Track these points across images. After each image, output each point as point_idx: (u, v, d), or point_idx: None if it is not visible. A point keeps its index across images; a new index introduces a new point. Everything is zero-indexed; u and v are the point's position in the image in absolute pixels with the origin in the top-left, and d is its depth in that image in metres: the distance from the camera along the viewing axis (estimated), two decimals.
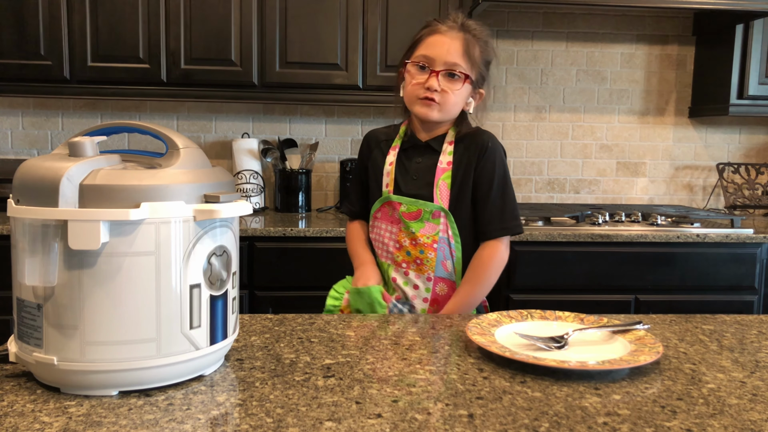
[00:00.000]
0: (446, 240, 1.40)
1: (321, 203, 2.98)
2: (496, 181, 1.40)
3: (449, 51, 1.35)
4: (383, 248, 1.46)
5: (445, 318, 1.23)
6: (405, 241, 1.41)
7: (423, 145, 1.44)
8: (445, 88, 1.36)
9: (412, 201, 1.40)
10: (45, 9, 2.44)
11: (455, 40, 1.36)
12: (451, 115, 1.41)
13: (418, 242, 1.40)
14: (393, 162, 1.45)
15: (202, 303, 0.85)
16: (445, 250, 1.40)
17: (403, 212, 1.41)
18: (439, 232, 1.39)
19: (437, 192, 1.39)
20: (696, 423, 0.77)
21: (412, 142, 1.46)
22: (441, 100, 1.36)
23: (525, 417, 0.78)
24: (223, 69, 2.52)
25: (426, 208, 1.39)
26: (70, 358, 0.79)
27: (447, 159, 1.41)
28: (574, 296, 2.37)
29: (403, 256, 1.42)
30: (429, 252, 1.39)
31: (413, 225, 1.40)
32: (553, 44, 2.99)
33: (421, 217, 1.39)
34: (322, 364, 0.95)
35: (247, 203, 0.88)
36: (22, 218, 0.80)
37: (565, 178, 3.06)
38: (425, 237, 1.39)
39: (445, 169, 1.40)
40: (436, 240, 1.39)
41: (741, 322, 1.23)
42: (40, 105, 2.83)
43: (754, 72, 2.73)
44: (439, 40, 1.37)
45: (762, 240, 2.39)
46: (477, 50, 1.38)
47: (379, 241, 1.47)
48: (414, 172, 1.43)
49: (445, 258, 1.40)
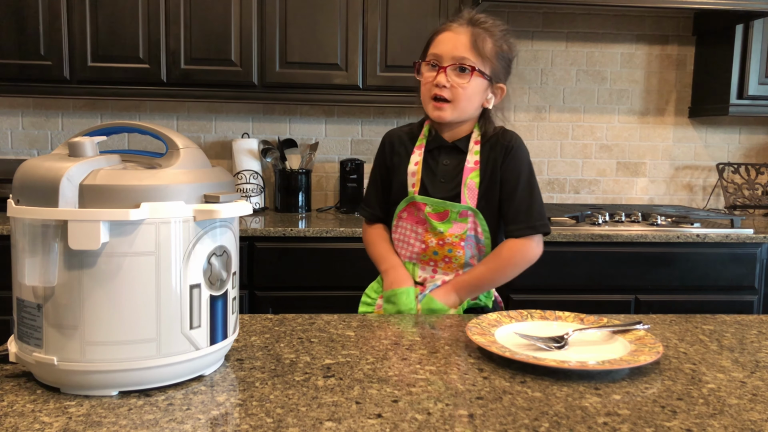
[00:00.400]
0: (474, 237, 1.39)
1: (321, 203, 2.98)
2: (522, 180, 1.39)
3: (456, 45, 1.34)
4: (408, 248, 1.44)
5: (445, 318, 1.23)
6: (431, 240, 1.40)
7: (449, 146, 1.43)
8: (454, 83, 1.34)
9: (438, 202, 1.39)
10: (45, 9, 2.44)
11: (461, 35, 1.35)
12: (466, 112, 1.38)
13: (446, 242, 1.39)
14: (419, 162, 1.43)
15: (202, 303, 0.85)
16: (472, 247, 1.40)
17: (429, 213, 1.39)
18: (467, 230, 1.38)
19: (465, 191, 1.38)
20: (696, 423, 0.77)
21: (437, 143, 1.44)
22: (452, 96, 1.35)
23: (525, 417, 0.78)
24: (223, 69, 2.52)
25: (453, 209, 1.38)
26: (70, 358, 0.79)
27: (474, 158, 1.40)
28: (574, 296, 2.37)
29: (430, 255, 1.41)
30: (457, 250, 1.39)
31: (440, 225, 1.38)
32: (553, 44, 2.99)
33: (449, 218, 1.38)
34: (322, 364, 0.95)
35: (247, 203, 0.88)
36: (22, 218, 0.80)
37: (565, 178, 3.06)
38: (453, 236, 1.38)
39: (472, 168, 1.39)
40: (463, 238, 1.38)
41: (741, 322, 1.23)
42: (40, 105, 2.83)
43: (754, 72, 2.72)
44: (447, 37, 1.36)
45: (762, 240, 2.39)
46: (488, 43, 1.36)
47: (403, 241, 1.45)
48: (441, 175, 1.42)
49: (473, 255, 1.41)
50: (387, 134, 1.52)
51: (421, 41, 1.44)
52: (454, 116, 1.37)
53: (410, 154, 1.45)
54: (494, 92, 1.40)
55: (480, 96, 1.38)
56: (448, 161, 1.42)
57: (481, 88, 1.37)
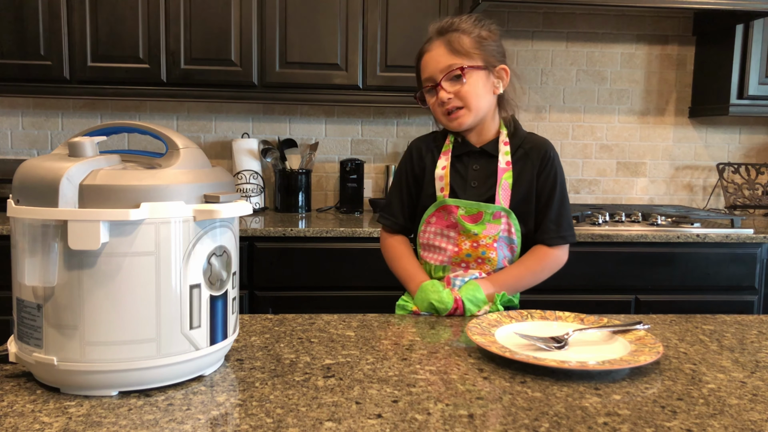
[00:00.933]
0: (507, 238, 1.40)
1: (321, 203, 2.98)
2: (558, 191, 1.42)
3: (438, 61, 1.37)
4: (439, 253, 1.42)
5: (445, 318, 1.23)
6: (465, 243, 1.39)
7: (477, 151, 1.43)
8: (455, 91, 1.36)
9: (471, 204, 1.38)
10: (45, 9, 2.44)
11: (437, 49, 1.38)
12: (482, 109, 1.39)
13: (480, 244, 1.38)
14: (446, 166, 1.43)
15: (202, 303, 0.85)
16: (504, 248, 1.40)
17: (462, 215, 1.39)
18: (501, 231, 1.38)
19: (499, 191, 1.38)
20: (696, 423, 0.77)
21: (465, 148, 1.44)
22: (461, 102, 1.36)
23: (525, 417, 0.78)
24: (223, 69, 2.52)
25: (487, 210, 1.37)
26: (70, 358, 0.79)
27: (506, 159, 1.40)
28: (574, 296, 2.37)
29: (462, 257, 1.40)
30: (491, 252, 1.39)
31: (474, 227, 1.38)
32: (553, 44, 2.99)
33: (482, 220, 1.38)
34: (322, 364, 0.95)
35: (247, 203, 0.88)
36: (22, 218, 0.80)
37: (565, 178, 3.06)
38: (487, 238, 1.38)
39: (505, 169, 1.40)
40: (496, 239, 1.39)
41: (741, 322, 1.23)
42: (40, 105, 2.82)
43: (754, 72, 2.72)
44: (427, 59, 1.40)
45: (762, 240, 2.39)
46: (465, 40, 1.37)
47: (432, 245, 1.43)
48: (472, 180, 1.42)
49: (505, 256, 1.41)
50: (414, 141, 1.53)
51: (422, 41, 1.44)
52: (471, 119, 1.38)
53: (437, 160, 1.45)
54: (498, 77, 1.40)
55: (486, 88, 1.39)
56: (478, 166, 1.42)
57: (483, 80, 1.38)
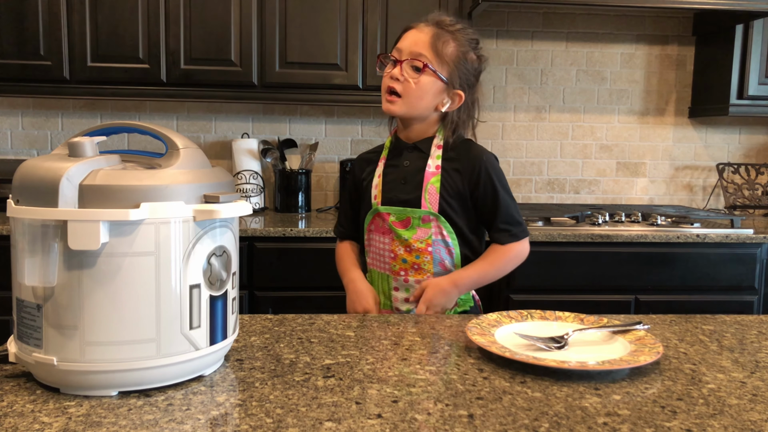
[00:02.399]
0: (441, 241, 1.39)
1: (321, 203, 2.98)
2: (501, 196, 1.40)
3: (416, 42, 1.36)
4: (380, 260, 1.45)
5: (445, 318, 1.23)
6: (399, 249, 1.41)
7: (410, 147, 1.44)
8: (408, 77, 1.35)
9: (399, 210, 1.40)
10: (45, 9, 2.44)
11: (423, 33, 1.37)
12: (416, 109, 1.38)
13: (413, 248, 1.39)
14: (380, 174, 1.46)
15: (201, 303, 0.85)
16: (441, 251, 1.40)
17: (393, 222, 1.41)
18: (432, 235, 1.39)
19: (426, 196, 1.38)
20: (696, 423, 0.77)
21: (398, 147, 1.46)
22: (403, 91, 1.36)
23: (525, 417, 0.78)
24: (222, 69, 2.52)
25: (414, 214, 1.39)
26: (70, 358, 0.79)
27: (435, 163, 1.40)
28: (574, 296, 2.37)
29: (399, 264, 1.41)
30: (425, 255, 1.39)
31: (404, 233, 1.39)
32: (552, 44, 2.99)
33: (411, 224, 1.39)
34: (322, 364, 0.95)
35: (247, 203, 0.88)
36: (22, 218, 0.80)
37: (565, 178, 3.06)
38: (418, 242, 1.39)
39: (433, 173, 1.39)
40: (429, 243, 1.39)
41: (741, 323, 1.23)
42: (39, 105, 2.82)
43: (754, 72, 2.73)
44: (410, 34, 1.39)
45: (762, 240, 2.39)
46: (450, 46, 1.36)
47: (375, 253, 1.46)
48: (403, 176, 1.43)
49: (443, 258, 1.40)
50: (356, 158, 1.58)
51: None
52: (403, 111, 1.38)
53: (375, 169, 1.48)
54: (451, 97, 1.40)
55: (432, 96, 1.38)
56: (408, 162, 1.43)
57: (434, 88, 1.37)
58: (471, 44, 1.40)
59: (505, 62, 2.98)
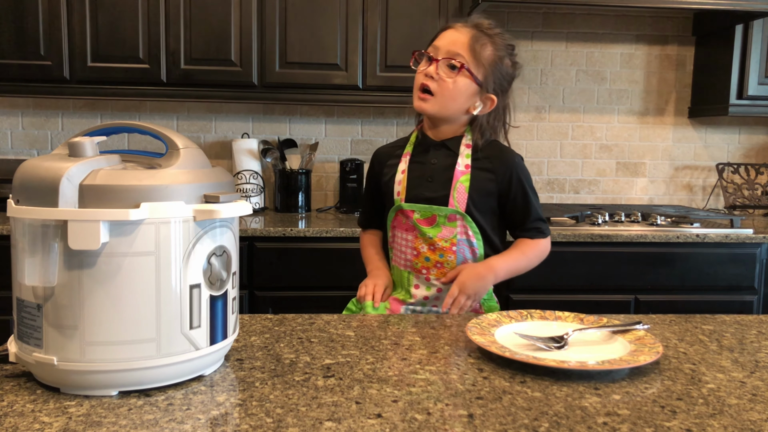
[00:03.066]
0: (465, 241, 1.39)
1: (321, 203, 2.98)
2: (530, 197, 1.42)
3: (454, 42, 1.35)
4: (402, 256, 1.44)
5: (445, 318, 1.23)
6: (422, 247, 1.39)
7: (438, 144, 1.43)
8: (443, 76, 1.35)
9: (425, 207, 1.39)
10: (45, 9, 2.44)
11: (462, 33, 1.36)
12: (448, 109, 1.38)
13: (437, 247, 1.38)
14: (405, 169, 1.44)
15: (202, 303, 0.85)
16: (465, 251, 1.39)
17: (417, 219, 1.39)
18: (457, 234, 1.38)
19: (454, 194, 1.37)
20: (696, 423, 0.77)
21: (425, 144, 1.44)
22: (437, 90, 1.35)
23: (525, 417, 0.78)
24: (223, 69, 2.52)
25: (440, 212, 1.38)
26: (70, 358, 0.79)
27: (465, 162, 1.39)
28: (574, 296, 2.37)
29: (422, 262, 1.40)
30: (449, 255, 1.38)
31: (429, 231, 1.38)
32: (552, 44, 2.99)
33: (437, 222, 1.38)
34: (322, 364, 0.95)
35: (247, 203, 0.88)
36: (22, 218, 0.80)
37: (564, 178, 3.06)
38: (443, 241, 1.38)
39: (463, 172, 1.38)
40: (454, 243, 1.38)
41: (741, 322, 1.23)
42: (40, 105, 2.82)
43: (754, 72, 2.73)
44: (448, 33, 1.38)
45: (762, 240, 2.39)
46: (488, 50, 1.36)
47: (398, 249, 1.45)
48: (429, 174, 1.41)
49: (466, 258, 1.40)
50: (375, 151, 1.56)
51: (421, 41, 1.45)
52: (435, 110, 1.38)
53: (398, 164, 1.46)
54: (483, 101, 1.39)
55: (465, 98, 1.37)
56: (436, 160, 1.42)
57: (468, 90, 1.36)
58: (507, 50, 1.40)
59: None
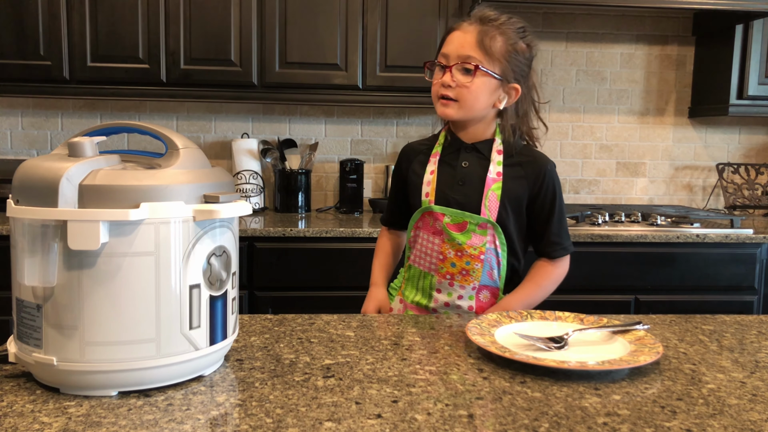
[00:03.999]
0: (493, 250, 1.36)
1: (321, 203, 2.98)
2: (557, 206, 1.39)
3: (462, 44, 1.32)
4: (426, 259, 1.41)
5: (445, 318, 1.23)
6: (449, 252, 1.37)
7: (468, 147, 1.40)
8: (459, 82, 1.31)
9: (458, 213, 1.36)
10: (45, 9, 2.43)
11: (469, 33, 1.32)
12: (474, 111, 1.35)
13: (465, 254, 1.36)
14: (434, 170, 1.40)
15: (201, 303, 0.85)
16: (492, 260, 1.37)
17: (447, 223, 1.36)
18: (486, 243, 1.35)
19: (486, 202, 1.34)
20: (696, 423, 0.77)
21: (455, 146, 1.41)
22: (458, 96, 1.32)
23: (525, 417, 0.78)
24: (222, 69, 2.52)
25: (472, 220, 1.35)
26: (70, 358, 0.79)
27: (497, 169, 1.36)
28: (574, 296, 2.37)
29: (447, 267, 1.37)
30: (476, 263, 1.36)
31: (459, 237, 1.35)
32: (552, 44, 2.99)
33: (467, 229, 1.35)
34: (322, 364, 0.95)
35: (247, 203, 0.88)
36: (22, 218, 0.80)
37: (564, 178, 3.06)
38: (472, 249, 1.35)
39: (495, 179, 1.35)
40: (483, 251, 1.35)
41: (741, 323, 1.23)
42: (39, 105, 2.82)
43: (754, 72, 2.73)
44: (455, 36, 1.34)
45: (762, 240, 2.39)
46: (498, 42, 1.31)
47: (421, 251, 1.42)
48: (460, 177, 1.38)
49: (492, 268, 1.37)
50: (405, 146, 1.52)
51: (421, 41, 1.44)
52: (460, 115, 1.35)
53: (426, 164, 1.43)
54: (507, 92, 1.36)
55: (488, 95, 1.34)
56: (467, 162, 1.39)
57: (489, 88, 1.33)
58: (519, 33, 1.35)
59: None
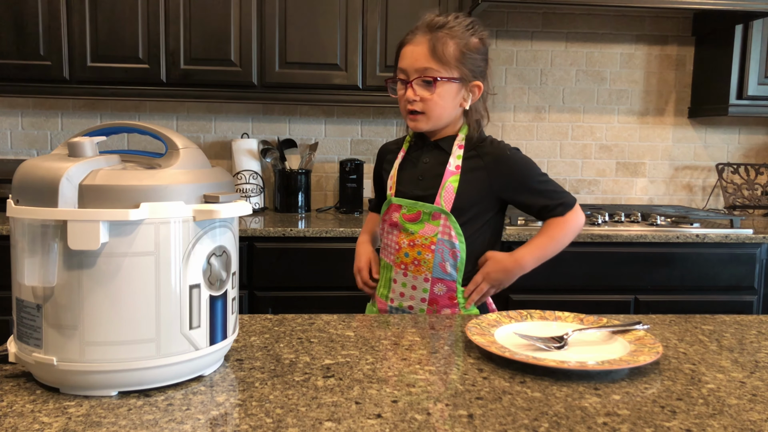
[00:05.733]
0: (447, 242, 1.38)
1: (320, 203, 2.98)
2: (534, 179, 1.40)
3: (416, 57, 1.34)
4: (387, 250, 1.47)
5: (445, 318, 1.23)
6: (404, 242, 1.41)
7: (431, 144, 1.44)
8: (422, 96, 1.35)
9: (411, 203, 1.41)
10: (45, 9, 2.43)
11: (419, 45, 1.34)
12: (443, 120, 1.39)
13: (416, 243, 1.40)
14: (398, 166, 1.47)
15: (201, 303, 0.85)
16: (444, 252, 1.39)
17: (404, 214, 1.41)
18: (438, 233, 1.38)
19: (442, 193, 1.37)
20: (695, 423, 0.77)
21: (420, 144, 1.46)
22: (424, 109, 1.36)
23: (525, 417, 0.78)
24: (222, 69, 2.52)
25: (424, 209, 1.39)
26: (70, 358, 0.79)
27: (456, 163, 1.39)
28: (574, 296, 2.37)
29: (402, 257, 1.42)
30: (426, 253, 1.39)
31: (412, 227, 1.40)
32: (552, 44, 2.99)
33: (420, 219, 1.39)
34: (322, 364, 0.95)
35: (247, 203, 0.88)
36: (22, 218, 0.80)
37: (564, 178, 3.06)
38: (423, 238, 1.39)
39: (453, 172, 1.38)
40: (434, 242, 1.38)
41: (741, 323, 1.23)
42: (39, 105, 2.82)
43: (754, 72, 2.73)
44: (407, 51, 1.37)
45: (761, 240, 2.39)
46: (450, 46, 1.33)
47: (385, 244, 1.48)
48: (420, 173, 1.43)
49: (444, 260, 1.39)
50: (381, 146, 1.61)
51: None
52: (430, 125, 1.39)
53: (395, 161, 1.49)
54: (470, 90, 1.38)
55: (452, 100, 1.37)
56: (428, 159, 1.43)
57: (452, 93, 1.36)
58: (469, 31, 1.36)
59: (505, 62, 2.98)
